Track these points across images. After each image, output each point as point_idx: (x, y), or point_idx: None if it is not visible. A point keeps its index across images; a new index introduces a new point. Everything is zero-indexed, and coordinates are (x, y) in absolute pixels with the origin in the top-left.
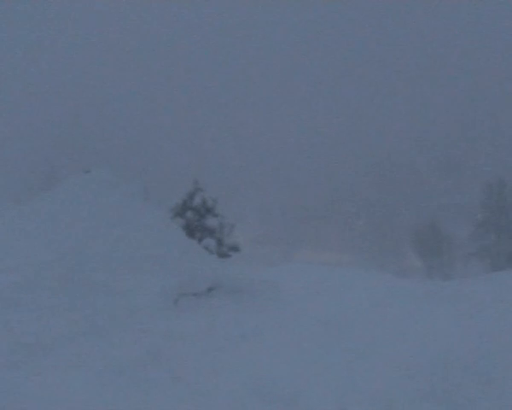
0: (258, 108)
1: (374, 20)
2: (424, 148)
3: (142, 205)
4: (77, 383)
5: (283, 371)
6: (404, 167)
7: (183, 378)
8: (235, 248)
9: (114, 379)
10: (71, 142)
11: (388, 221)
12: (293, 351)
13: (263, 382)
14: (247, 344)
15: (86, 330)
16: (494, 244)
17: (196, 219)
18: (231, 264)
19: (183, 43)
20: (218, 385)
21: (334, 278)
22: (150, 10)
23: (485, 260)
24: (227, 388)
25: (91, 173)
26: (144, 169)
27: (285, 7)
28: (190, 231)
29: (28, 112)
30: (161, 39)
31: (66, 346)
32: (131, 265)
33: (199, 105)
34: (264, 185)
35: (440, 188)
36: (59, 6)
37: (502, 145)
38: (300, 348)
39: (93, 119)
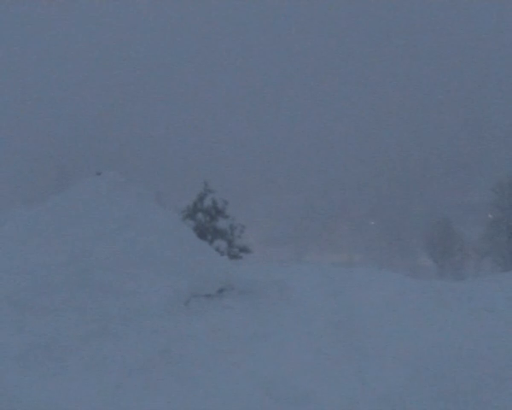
0: (268, 109)
1: (378, 17)
2: (435, 147)
3: (153, 207)
4: (89, 385)
5: (294, 371)
6: (416, 167)
7: (195, 379)
8: (245, 250)
9: (126, 381)
10: (82, 144)
11: (400, 221)
12: (304, 351)
13: (274, 382)
14: (258, 345)
15: (98, 332)
16: (506, 244)
17: (207, 220)
18: (242, 265)
19: (193, 44)
20: (230, 386)
21: (345, 278)
22: (159, 12)
23: (497, 259)
24: (238, 388)
25: (102, 175)
26: (155, 171)
27: (295, 7)
28: (201, 232)
29: (39, 114)
30: (170, 41)
31: (78, 348)
32: (142, 266)
33: (209, 107)
34: (275, 186)
35: (452, 187)
36: (69, 9)
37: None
38: (311, 348)
39: (104, 121)
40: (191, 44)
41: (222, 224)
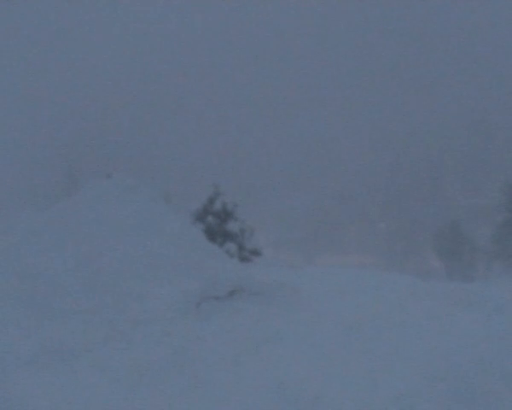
0: (279, 109)
1: (388, 15)
2: (443, 148)
3: (163, 210)
4: (100, 388)
5: (306, 373)
6: (424, 169)
7: (206, 381)
8: (256, 253)
9: (138, 383)
10: (91, 147)
11: (409, 223)
12: (315, 354)
13: (285, 384)
14: (269, 347)
15: (109, 335)
16: None
17: (217, 223)
18: (253, 268)
19: (200, 46)
20: (241, 388)
21: (355, 280)
22: (166, 13)
23: (507, 261)
24: (250, 391)
25: (112, 178)
26: (165, 174)
27: (300, 8)
28: (211, 235)
29: (48, 116)
30: (179, 41)
31: (89, 350)
32: (153, 269)
33: (218, 109)
34: (285, 189)
35: (461, 189)
36: (78, 9)
37: None
38: (322, 350)
39: (113, 124)
40: (200, 43)
41: (232, 226)
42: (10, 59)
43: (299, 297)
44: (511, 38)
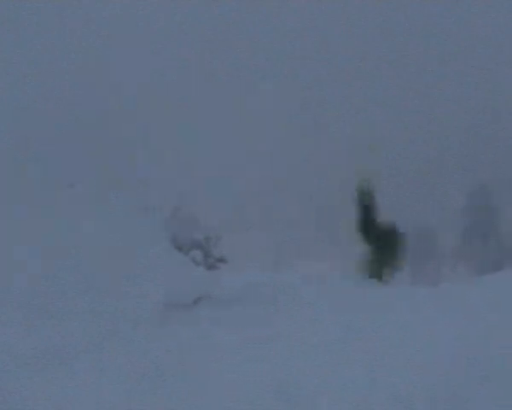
0: (256, 116)
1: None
2: (411, 151)
3: (127, 219)
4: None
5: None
6: (390, 173)
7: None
8: (222, 260)
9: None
10: (52, 155)
11: None
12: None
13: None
14: (239, 351)
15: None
16: (480, 249)
17: (183, 231)
18: (219, 274)
19: (190, 46)
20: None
21: (317, 288)
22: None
23: (472, 264)
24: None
25: (75, 188)
26: (132, 181)
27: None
28: (177, 244)
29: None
30: (158, 46)
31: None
32: (118, 277)
33: (193, 113)
34: (264, 194)
35: (426, 192)
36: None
37: (486, 149)
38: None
39: (75, 132)
40: (188, 47)
41: (197, 234)
42: None
43: (267, 303)
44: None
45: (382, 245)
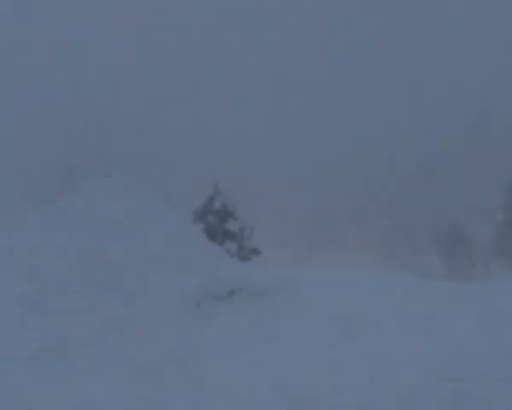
0: (275, 110)
1: (381, 14)
2: (444, 147)
3: (162, 209)
4: (98, 386)
5: (305, 372)
6: (425, 168)
7: (204, 380)
8: (255, 252)
9: (136, 381)
10: (89, 146)
11: (408, 222)
12: (313, 352)
13: (284, 382)
14: (268, 346)
15: (108, 333)
16: None
17: (217, 222)
18: (252, 267)
19: (198, 43)
20: (240, 387)
21: (354, 279)
22: (166, 12)
23: (507, 261)
24: (248, 390)
25: (111, 177)
26: (164, 173)
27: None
28: (211, 235)
29: (46, 115)
30: (175, 40)
31: (87, 349)
32: (152, 268)
33: (216, 108)
34: (284, 188)
35: (461, 188)
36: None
37: None
38: (321, 349)
39: (111, 123)
40: (194, 40)
41: (232, 226)
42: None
43: (297, 296)
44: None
45: None
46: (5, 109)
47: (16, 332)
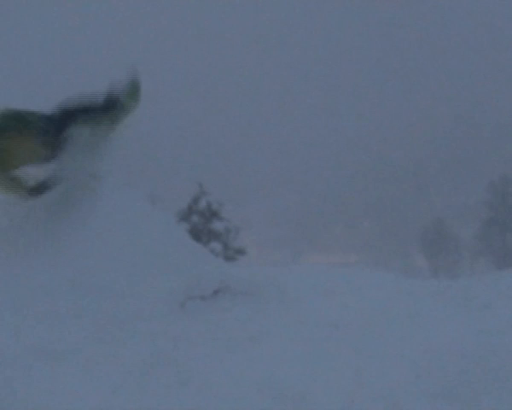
0: (263, 109)
1: (371, 17)
2: (428, 146)
3: (147, 209)
4: (86, 390)
5: (291, 371)
6: (409, 166)
7: (192, 380)
8: (241, 251)
9: (124, 383)
10: None
11: (394, 221)
12: (300, 351)
13: (271, 383)
14: (255, 346)
15: (95, 335)
16: (499, 243)
17: (202, 222)
18: (238, 266)
19: (186, 40)
20: (227, 388)
21: (341, 278)
22: (162, 13)
23: (491, 258)
24: (235, 390)
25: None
26: (149, 172)
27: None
28: (196, 235)
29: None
30: (163, 38)
31: (76, 351)
32: (137, 269)
33: (203, 106)
34: (270, 188)
35: (445, 187)
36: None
37: (505, 142)
38: (308, 349)
39: None
40: (182, 37)
41: (217, 226)
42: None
43: (284, 295)
44: (496, 35)
45: None
46: None
47: (3, 335)
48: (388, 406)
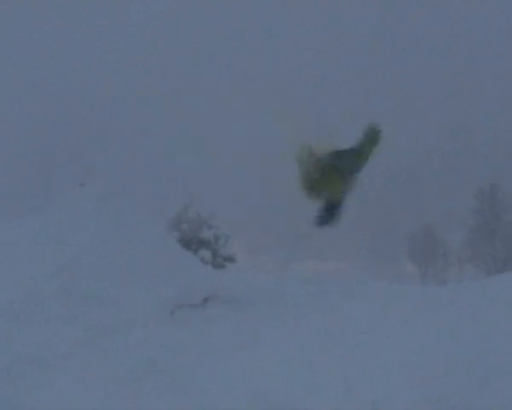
0: (254, 115)
1: (370, 17)
2: (416, 153)
3: (136, 218)
4: (77, 396)
5: (280, 378)
6: (398, 174)
7: (182, 389)
8: (230, 259)
9: (114, 390)
10: (63, 155)
11: (383, 229)
12: (289, 359)
13: (261, 391)
14: (245, 354)
15: (85, 343)
16: (487, 250)
17: (191, 231)
18: (228, 274)
19: (178, 46)
20: (216, 395)
21: (330, 286)
22: (155, 15)
23: (479, 265)
24: (225, 398)
25: (86, 187)
26: (138, 182)
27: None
28: (185, 243)
29: (20, 122)
30: (153, 43)
31: (65, 359)
32: (127, 277)
33: (193, 114)
34: (259, 195)
35: (434, 194)
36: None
37: (494, 150)
38: (298, 356)
39: (85, 131)
40: (174, 44)
41: (206, 234)
42: None
43: (274, 303)
44: (491, 42)
45: None
46: None
47: None
48: None
